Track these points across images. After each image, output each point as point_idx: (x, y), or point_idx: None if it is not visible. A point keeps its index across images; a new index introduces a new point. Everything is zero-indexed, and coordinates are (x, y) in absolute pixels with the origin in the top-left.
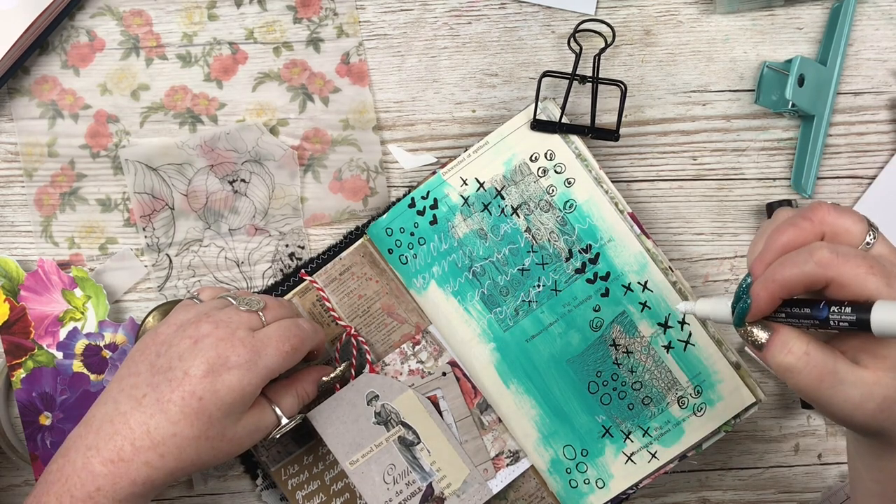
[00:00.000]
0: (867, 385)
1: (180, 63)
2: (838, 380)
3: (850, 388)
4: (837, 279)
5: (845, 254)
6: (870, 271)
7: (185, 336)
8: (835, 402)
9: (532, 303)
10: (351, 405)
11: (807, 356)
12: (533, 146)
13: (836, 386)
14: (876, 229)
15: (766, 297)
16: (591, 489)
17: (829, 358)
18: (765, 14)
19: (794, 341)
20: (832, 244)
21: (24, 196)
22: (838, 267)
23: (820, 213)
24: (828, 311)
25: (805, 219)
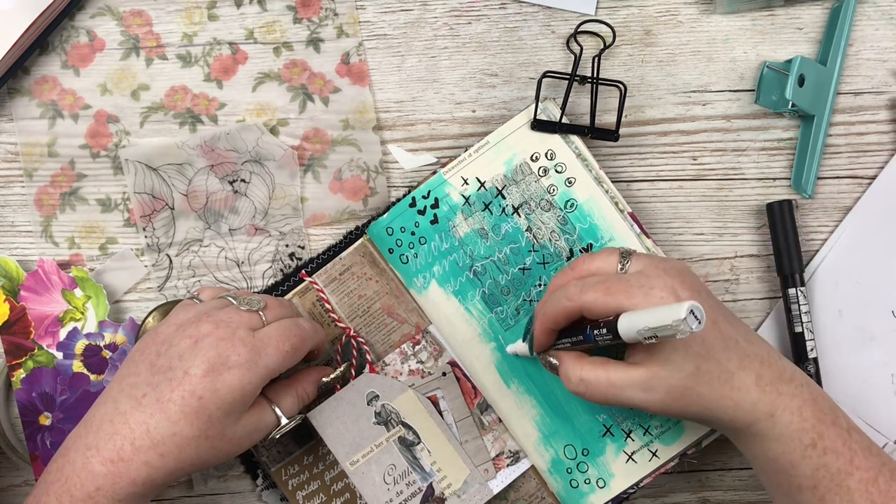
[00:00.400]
0: (642, 381)
1: (180, 63)
2: (619, 388)
3: (632, 390)
4: (584, 306)
5: (588, 286)
6: (607, 293)
7: (186, 336)
8: (629, 404)
9: (533, 302)
10: (351, 405)
11: (584, 381)
12: (533, 146)
13: (621, 393)
14: (630, 254)
15: (541, 331)
16: (592, 489)
17: (605, 372)
18: (765, 14)
19: (570, 371)
20: (581, 280)
21: (24, 196)
22: (581, 297)
23: (577, 263)
24: (592, 334)
25: (568, 267)
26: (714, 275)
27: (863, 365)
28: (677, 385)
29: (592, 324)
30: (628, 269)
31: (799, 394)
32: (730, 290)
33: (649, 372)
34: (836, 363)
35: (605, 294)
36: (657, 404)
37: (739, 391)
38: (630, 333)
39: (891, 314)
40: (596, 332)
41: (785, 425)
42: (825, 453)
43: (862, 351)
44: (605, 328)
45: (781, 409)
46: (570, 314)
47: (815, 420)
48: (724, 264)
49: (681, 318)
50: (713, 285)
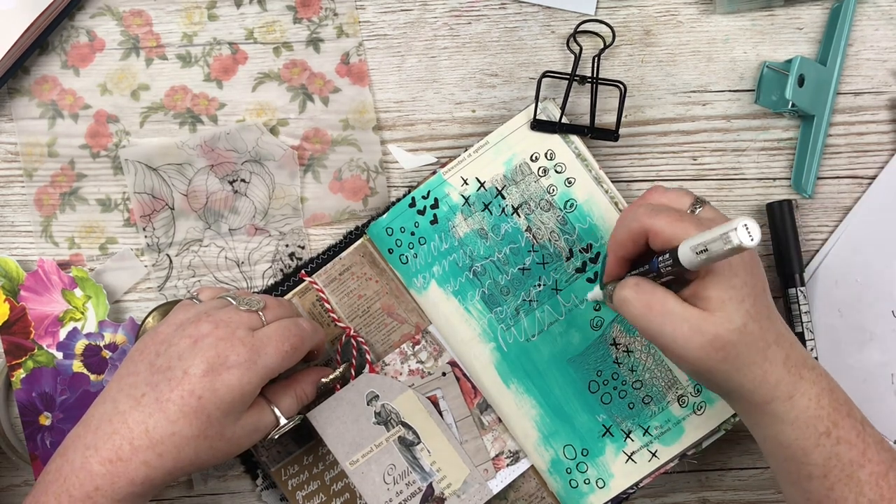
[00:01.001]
0: (694, 319)
1: (180, 63)
2: (667, 310)
3: (679, 321)
4: (652, 228)
5: (658, 210)
6: (680, 220)
7: (185, 335)
8: (666, 331)
9: (532, 302)
10: (351, 405)
11: (636, 286)
12: (533, 146)
13: (665, 316)
14: (703, 203)
15: (612, 260)
16: (592, 489)
17: (660, 292)
18: (765, 14)
19: (629, 279)
20: (652, 205)
21: (24, 196)
22: (651, 219)
23: (649, 193)
24: (657, 261)
25: (640, 198)
26: None
27: (863, 365)
28: (723, 335)
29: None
30: (699, 212)
31: (818, 381)
32: None
33: (702, 312)
34: (836, 363)
35: (674, 221)
36: (695, 351)
37: (770, 364)
38: (686, 253)
39: (891, 314)
40: (660, 258)
41: (802, 409)
42: (838, 443)
43: (862, 351)
44: (669, 252)
45: (801, 393)
46: (636, 236)
47: (831, 409)
48: None
49: (734, 227)
50: None
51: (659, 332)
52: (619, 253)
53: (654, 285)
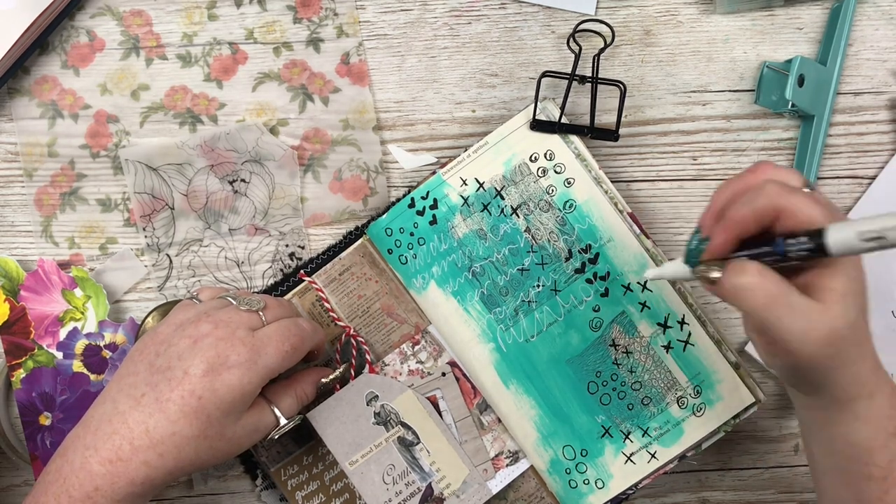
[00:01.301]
0: (815, 313)
1: (180, 63)
2: (789, 304)
3: (799, 315)
4: (788, 208)
5: (792, 188)
6: (815, 202)
7: (185, 335)
8: (783, 325)
9: (532, 303)
10: (350, 405)
11: (761, 276)
12: (532, 146)
13: (787, 309)
14: (812, 187)
15: (724, 236)
16: (591, 489)
17: (783, 283)
18: (765, 14)
19: (749, 264)
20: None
21: (24, 196)
22: (788, 197)
23: (761, 167)
24: (784, 244)
25: (749, 172)
26: None
27: None
28: (839, 330)
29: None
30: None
31: (889, 382)
32: None
33: (823, 306)
34: None
35: (814, 203)
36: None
37: (864, 361)
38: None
39: (891, 314)
40: (789, 241)
41: (878, 408)
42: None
43: None
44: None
45: (879, 392)
46: (764, 215)
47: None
48: None
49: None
50: None
51: (776, 325)
52: (736, 231)
53: (776, 275)
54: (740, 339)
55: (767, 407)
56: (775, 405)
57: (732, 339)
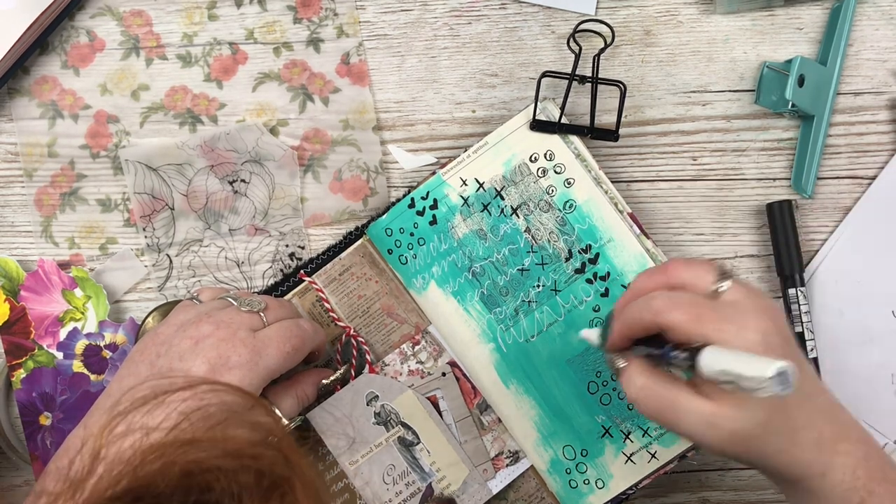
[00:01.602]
0: (707, 415)
1: (180, 63)
2: (678, 410)
3: (693, 418)
4: (667, 324)
5: (677, 302)
6: (698, 317)
7: (186, 336)
8: (680, 429)
9: (532, 303)
10: (351, 405)
11: (644, 390)
12: (532, 146)
13: (678, 415)
14: (727, 277)
15: (616, 334)
16: (591, 489)
17: (670, 391)
18: (765, 14)
19: (635, 376)
20: (671, 293)
21: (24, 196)
22: (668, 314)
23: (671, 266)
24: (670, 354)
25: (659, 270)
26: None
27: (863, 365)
28: (742, 431)
29: (675, 344)
30: (725, 292)
31: (854, 452)
32: None
33: (718, 409)
34: (836, 363)
35: (693, 319)
36: (715, 442)
37: (799, 448)
38: (711, 371)
39: (891, 314)
40: (674, 353)
41: (836, 484)
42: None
43: (862, 351)
44: (687, 353)
45: (834, 469)
46: (649, 328)
47: (866, 479)
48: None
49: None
50: None
51: (675, 429)
52: (627, 333)
53: (662, 384)
54: None
55: None
56: None
57: None
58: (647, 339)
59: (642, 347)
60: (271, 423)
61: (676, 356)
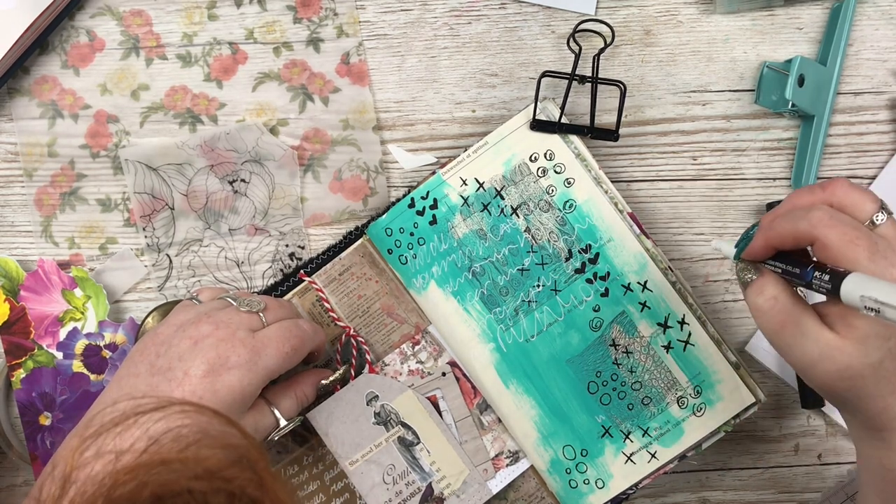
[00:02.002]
0: (828, 346)
1: (180, 63)
2: (800, 331)
3: (811, 344)
4: (822, 240)
5: (839, 220)
6: (855, 241)
7: (185, 336)
8: (794, 351)
9: (532, 303)
10: (351, 405)
11: (774, 300)
12: (532, 146)
13: (797, 336)
14: (889, 213)
15: (761, 241)
16: (591, 489)
17: (798, 310)
18: (765, 14)
19: (769, 286)
20: (833, 210)
21: (24, 196)
22: (827, 229)
23: (833, 185)
24: (811, 274)
25: (820, 187)
26: (714, 275)
27: None
28: (857, 367)
29: (816, 265)
30: (880, 225)
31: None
32: (730, 290)
33: (841, 340)
34: None
35: (851, 241)
36: (825, 374)
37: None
38: (853, 295)
39: None
40: (817, 273)
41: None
42: None
43: None
44: (830, 276)
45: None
46: (800, 239)
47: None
48: (724, 264)
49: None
50: (713, 285)
51: (787, 350)
52: (773, 242)
53: (793, 301)
54: (740, 339)
55: (767, 407)
56: (775, 405)
57: (732, 339)
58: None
59: (780, 264)
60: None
61: (819, 277)
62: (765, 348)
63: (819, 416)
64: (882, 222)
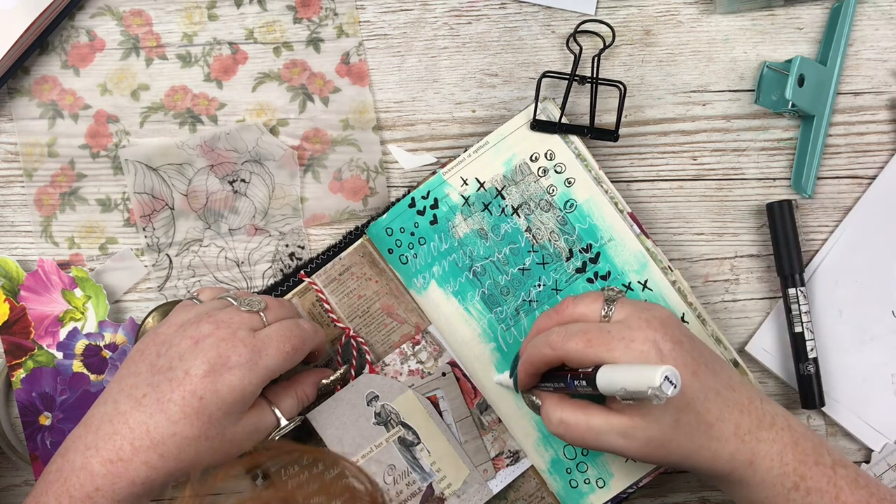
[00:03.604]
0: (621, 429)
1: (180, 63)
2: (598, 434)
3: (611, 436)
4: (564, 356)
5: (569, 334)
6: (587, 345)
7: (186, 336)
8: (602, 448)
9: (533, 302)
10: (351, 406)
11: (562, 423)
12: (533, 146)
13: (600, 437)
14: (614, 300)
15: (524, 373)
16: (592, 489)
17: (584, 418)
18: (765, 14)
19: (552, 411)
20: (564, 327)
21: (24, 196)
22: (562, 346)
23: (561, 306)
24: (573, 383)
25: (553, 310)
26: (714, 275)
27: (863, 365)
28: (657, 436)
29: (573, 373)
30: (612, 316)
31: (779, 439)
32: (730, 290)
33: (630, 420)
34: (836, 363)
35: (585, 345)
36: (637, 452)
37: (718, 441)
38: (608, 390)
39: (891, 314)
40: (576, 382)
41: (766, 471)
42: (808, 493)
43: (862, 351)
44: (585, 380)
45: (761, 456)
46: (550, 361)
47: (796, 463)
48: (724, 264)
49: (655, 384)
50: (713, 285)
51: (597, 449)
52: (532, 371)
53: (576, 409)
54: (740, 338)
55: None
56: None
57: (732, 339)
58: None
59: (549, 384)
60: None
61: (579, 384)
62: (764, 348)
63: (819, 416)
64: (613, 312)
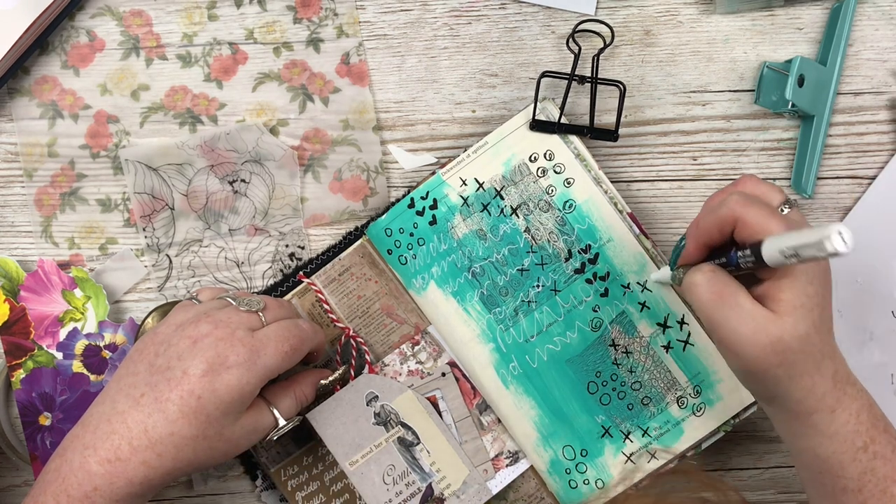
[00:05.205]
0: (762, 318)
1: (180, 63)
2: (736, 303)
3: (746, 316)
4: (741, 218)
5: (753, 202)
6: (768, 216)
7: (185, 336)
8: (730, 324)
9: (531, 303)
10: (350, 406)
11: (713, 273)
12: (532, 146)
13: (734, 308)
14: (793, 204)
15: (692, 243)
16: (591, 489)
17: (734, 284)
18: (765, 14)
19: (705, 265)
20: (747, 194)
21: (24, 196)
22: (743, 208)
23: (743, 180)
24: (736, 255)
25: (731, 184)
26: None
27: (863, 365)
28: (786, 340)
29: (737, 246)
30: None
31: (859, 397)
32: None
33: (773, 315)
34: None
35: (767, 215)
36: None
37: (820, 376)
38: (773, 252)
39: (891, 314)
40: (740, 253)
41: (842, 423)
42: (874, 458)
43: (862, 351)
44: (750, 249)
45: (843, 407)
46: (724, 224)
47: (869, 424)
48: None
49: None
50: None
51: (723, 324)
52: (702, 239)
53: (729, 277)
54: None
55: None
56: None
57: None
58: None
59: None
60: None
61: (742, 255)
62: None
63: None
64: (788, 211)
